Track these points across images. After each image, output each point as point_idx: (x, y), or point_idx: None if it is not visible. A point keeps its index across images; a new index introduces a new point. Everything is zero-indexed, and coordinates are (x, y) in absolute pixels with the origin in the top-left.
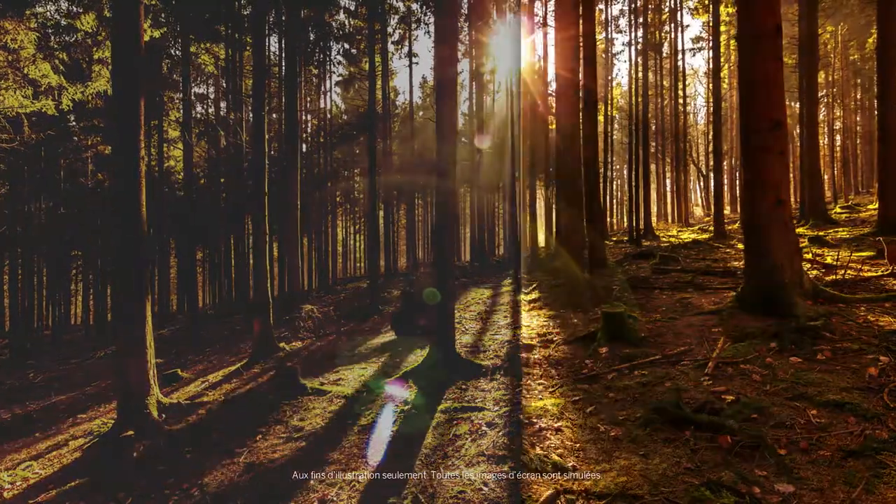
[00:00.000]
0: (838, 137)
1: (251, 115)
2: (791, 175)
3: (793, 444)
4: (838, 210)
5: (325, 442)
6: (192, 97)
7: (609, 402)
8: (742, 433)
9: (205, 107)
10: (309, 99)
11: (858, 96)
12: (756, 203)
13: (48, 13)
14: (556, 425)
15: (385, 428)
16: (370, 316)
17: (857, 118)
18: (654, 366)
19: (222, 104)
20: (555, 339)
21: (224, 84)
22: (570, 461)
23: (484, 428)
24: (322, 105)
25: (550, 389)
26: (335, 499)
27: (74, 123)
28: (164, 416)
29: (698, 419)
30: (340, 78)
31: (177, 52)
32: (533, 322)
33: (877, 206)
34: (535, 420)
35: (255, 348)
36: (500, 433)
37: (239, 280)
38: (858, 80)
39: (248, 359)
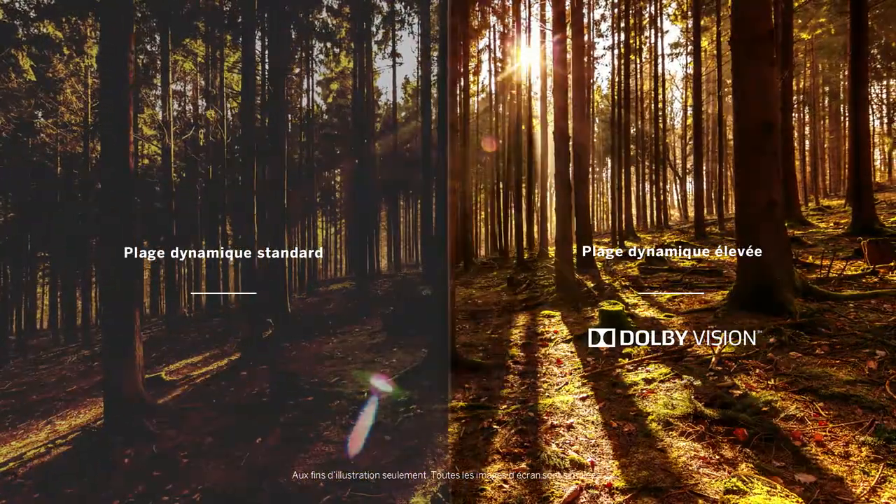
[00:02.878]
0: (807, 142)
1: (230, 115)
2: None
3: (806, 436)
4: (810, 212)
5: (330, 443)
6: (170, 94)
7: (617, 398)
8: (757, 426)
9: (182, 104)
10: (290, 98)
11: (826, 103)
12: (749, 203)
13: (16, 4)
14: (567, 422)
15: (392, 428)
16: (360, 316)
17: (826, 123)
18: (658, 362)
19: (200, 101)
20: (553, 337)
21: (202, 82)
22: (588, 457)
23: (494, 426)
24: (303, 104)
25: (556, 387)
26: (349, 500)
27: (42, 119)
28: (154, 420)
29: (712, 413)
30: (322, 77)
31: (153, 48)
32: (529, 321)
33: (846, 208)
34: (545, 417)
35: (244, 350)
36: (512, 431)
37: (217, 282)
38: (827, 88)
39: (236, 361)
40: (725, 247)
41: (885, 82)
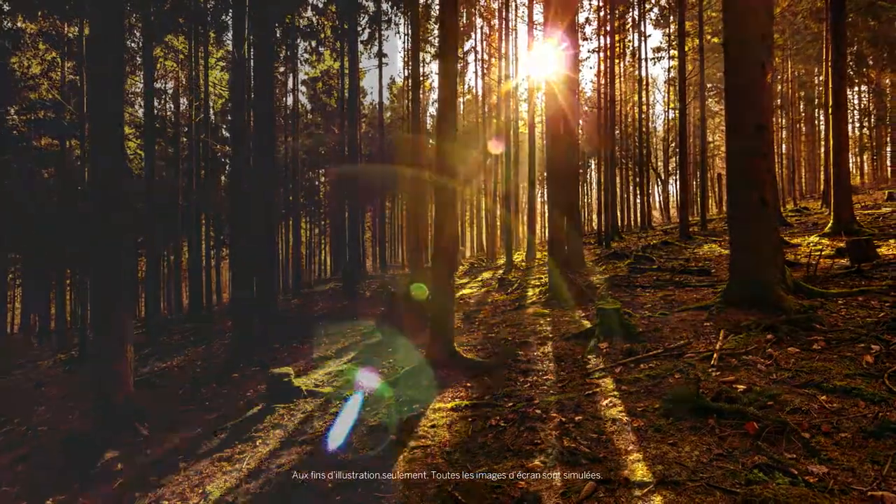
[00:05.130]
0: (784, 146)
1: (212, 114)
2: None
3: (814, 428)
4: (789, 213)
5: (333, 444)
6: (152, 91)
7: (623, 394)
8: (766, 419)
9: (162, 102)
10: (274, 97)
11: (802, 107)
12: (741, 203)
13: None
14: (576, 419)
15: (396, 428)
16: (349, 317)
17: (802, 127)
18: (659, 359)
19: (182, 100)
20: (550, 336)
21: (183, 80)
22: (601, 452)
23: (502, 424)
24: (288, 103)
25: (560, 385)
26: (360, 500)
27: (15, 117)
28: (146, 423)
29: (719, 407)
30: (306, 77)
31: (132, 45)
32: (524, 320)
33: (823, 209)
34: (553, 414)
35: (234, 352)
36: (521, 428)
37: (197, 285)
38: (802, 93)
39: (226, 363)
40: (711, 246)
41: (856, 88)
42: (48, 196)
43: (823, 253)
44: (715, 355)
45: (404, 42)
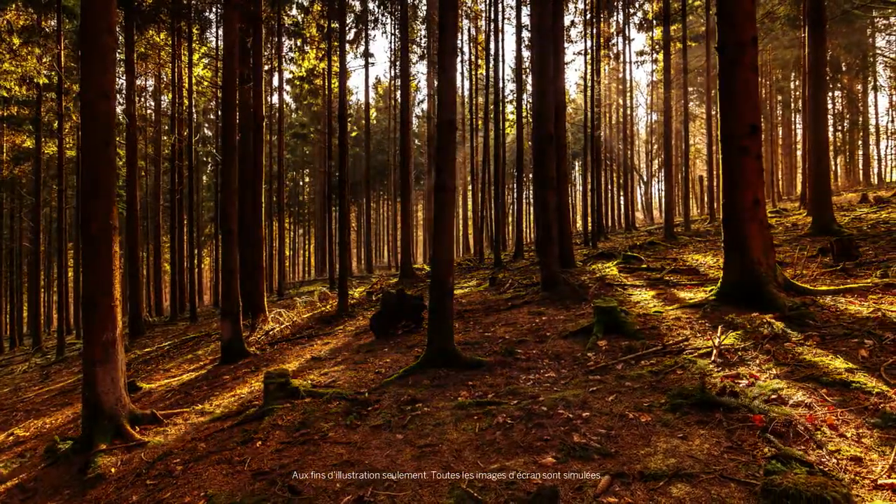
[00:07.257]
0: (762, 148)
1: (195, 112)
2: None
3: (818, 421)
4: (769, 214)
5: (338, 444)
6: (134, 87)
7: (627, 390)
8: (772, 412)
9: (142, 99)
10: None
11: (779, 111)
12: (735, 202)
13: None
14: (583, 415)
15: (401, 427)
16: (339, 319)
17: (779, 130)
18: (659, 355)
19: (163, 98)
20: (548, 334)
21: (165, 77)
22: (612, 447)
23: (509, 421)
24: (273, 102)
25: (563, 382)
26: (371, 499)
27: None
28: (137, 427)
29: (725, 402)
30: (291, 76)
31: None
32: (519, 319)
33: (801, 210)
34: (560, 411)
35: (225, 353)
36: (529, 425)
37: (179, 286)
38: (780, 98)
39: (216, 365)
40: (697, 246)
41: (830, 93)
42: (20, 194)
43: (806, 253)
44: (715, 351)
45: (391, 42)
